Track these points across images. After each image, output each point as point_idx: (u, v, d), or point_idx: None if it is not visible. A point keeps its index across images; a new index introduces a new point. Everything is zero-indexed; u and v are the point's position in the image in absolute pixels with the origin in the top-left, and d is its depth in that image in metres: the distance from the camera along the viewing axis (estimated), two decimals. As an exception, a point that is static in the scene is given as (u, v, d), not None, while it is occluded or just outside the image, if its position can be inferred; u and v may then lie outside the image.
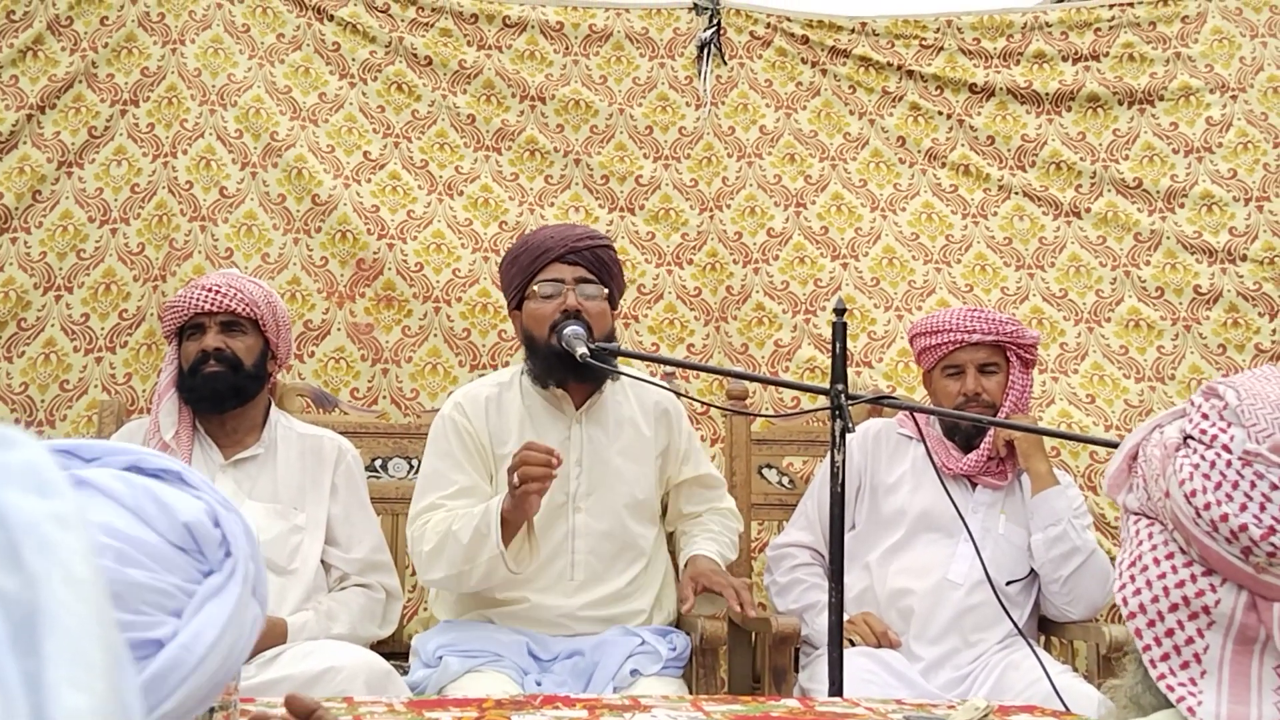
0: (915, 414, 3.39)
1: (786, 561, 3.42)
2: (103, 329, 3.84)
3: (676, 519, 3.32)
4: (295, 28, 4.19)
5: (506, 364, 3.81)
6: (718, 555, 3.19)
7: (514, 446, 3.02)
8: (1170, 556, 1.24)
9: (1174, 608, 1.23)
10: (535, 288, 3.04)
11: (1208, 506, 1.19)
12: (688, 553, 3.19)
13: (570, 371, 2.97)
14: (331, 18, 4.21)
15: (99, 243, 3.88)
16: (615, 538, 3.10)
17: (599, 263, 3.08)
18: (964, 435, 3.40)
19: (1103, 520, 3.82)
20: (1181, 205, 4.28)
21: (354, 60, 4.21)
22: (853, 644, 3.12)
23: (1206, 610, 1.22)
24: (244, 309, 3.15)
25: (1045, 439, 3.43)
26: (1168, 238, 4.25)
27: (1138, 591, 1.25)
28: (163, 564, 0.98)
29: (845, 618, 2.67)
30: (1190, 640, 1.22)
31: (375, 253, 4.03)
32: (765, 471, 3.77)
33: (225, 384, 3.14)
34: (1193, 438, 1.24)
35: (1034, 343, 3.40)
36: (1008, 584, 3.25)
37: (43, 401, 3.76)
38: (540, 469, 2.73)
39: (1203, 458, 1.21)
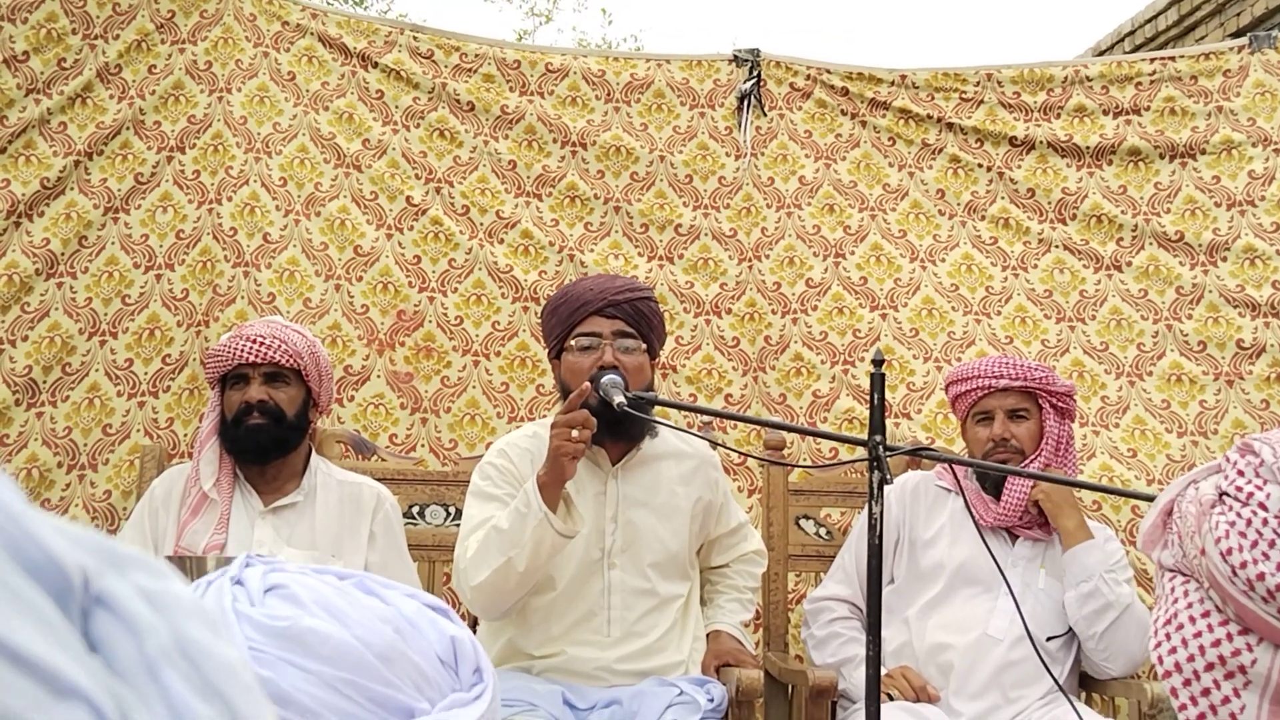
0: (954, 466, 3.37)
1: (824, 615, 3.40)
2: (146, 374, 3.87)
3: (705, 568, 3.34)
4: (340, 76, 4.24)
5: (545, 416, 3.82)
6: (738, 627, 3.25)
7: None
8: (1206, 615, 1.23)
9: (1210, 667, 1.21)
10: (573, 341, 3.05)
11: (1244, 565, 1.18)
12: (711, 622, 3.24)
13: (607, 422, 2.95)
14: (376, 65, 4.26)
15: (144, 288, 3.92)
16: (650, 593, 3.10)
17: (638, 315, 3.08)
18: (992, 482, 3.38)
19: (1144, 575, 3.78)
20: (1224, 259, 4.26)
21: (397, 107, 4.25)
22: (891, 698, 3.09)
23: (1243, 669, 1.20)
24: (287, 360, 3.17)
25: (1079, 493, 3.40)
26: (1210, 291, 4.23)
27: (1173, 650, 1.24)
28: (428, 662, 1.09)
29: (883, 671, 2.65)
30: (1226, 700, 1.21)
31: (416, 305, 4.06)
32: (803, 522, 3.75)
33: (268, 436, 3.17)
34: (1228, 495, 1.23)
35: (1067, 391, 3.38)
36: (1048, 639, 3.23)
37: (85, 445, 3.79)
38: (577, 443, 2.79)
39: (1239, 515, 1.20)
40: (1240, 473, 1.25)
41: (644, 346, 3.08)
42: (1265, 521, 1.20)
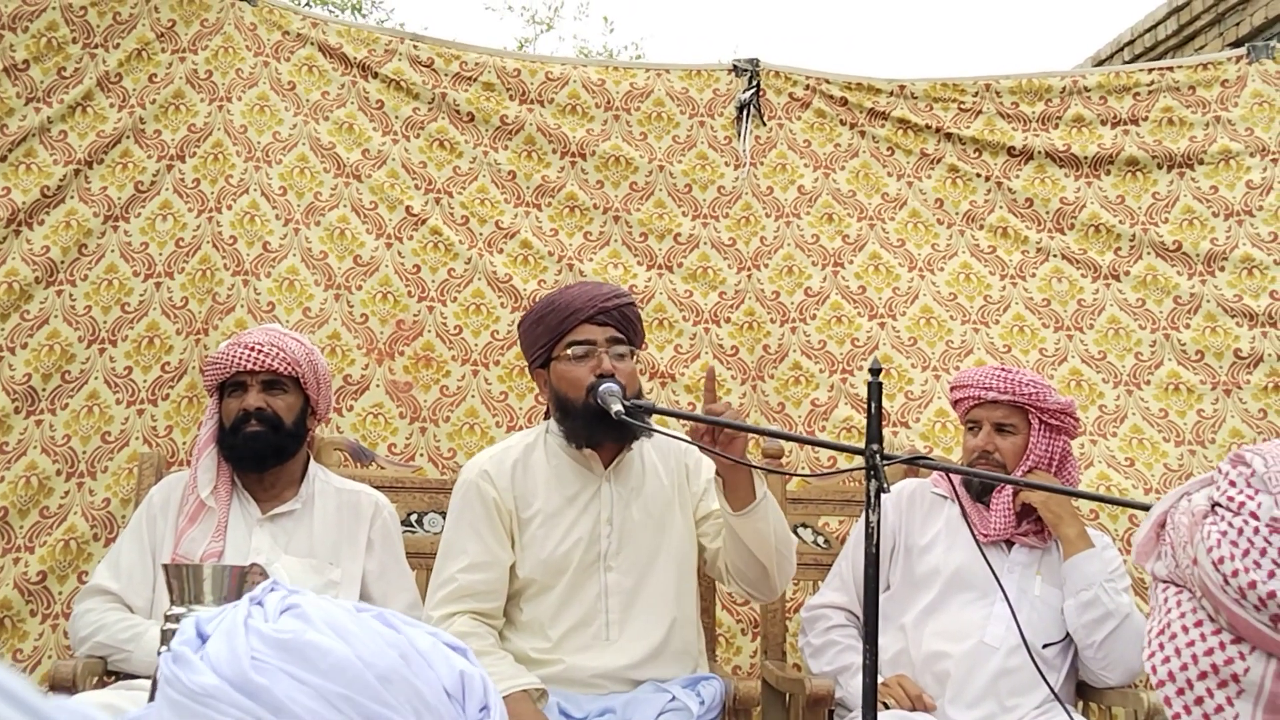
0: (950, 474, 3.38)
1: (821, 623, 3.40)
2: (145, 381, 3.88)
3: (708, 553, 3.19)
4: (340, 85, 4.25)
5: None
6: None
7: (540, 507, 3.03)
8: (1199, 624, 1.24)
9: (1203, 676, 1.22)
10: (568, 350, 3.03)
11: (1235, 574, 1.19)
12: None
13: (606, 430, 2.96)
14: (376, 75, 4.27)
15: (143, 296, 3.92)
16: (648, 595, 3.07)
17: (626, 321, 3.07)
18: (976, 491, 3.40)
19: (1141, 585, 3.78)
20: (1222, 269, 4.26)
21: (397, 117, 4.26)
22: (887, 707, 3.09)
23: (1235, 678, 1.21)
24: (285, 368, 3.18)
25: (1078, 502, 3.40)
26: (1208, 301, 4.23)
27: (1166, 660, 1.24)
28: (432, 691, 1.14)
29: (879, 680, 2.65)
30: (1220, 709, 1.21)
31: (415, 315, 4.07)
32: (801, 531, 3.75)
33: (266, 444, 3.17)
34: (1220, 505, 1.23)
35: (1061, 408, 3.35)
36: (1044, 647, 3.22)
37: (84, 453, 3.79)
38: None
39: (1230, 525, 1.21)
40: (1232, 483, 1.25)
41: (634, 351, 3.08)
42: (1256, 530, 1.21)
